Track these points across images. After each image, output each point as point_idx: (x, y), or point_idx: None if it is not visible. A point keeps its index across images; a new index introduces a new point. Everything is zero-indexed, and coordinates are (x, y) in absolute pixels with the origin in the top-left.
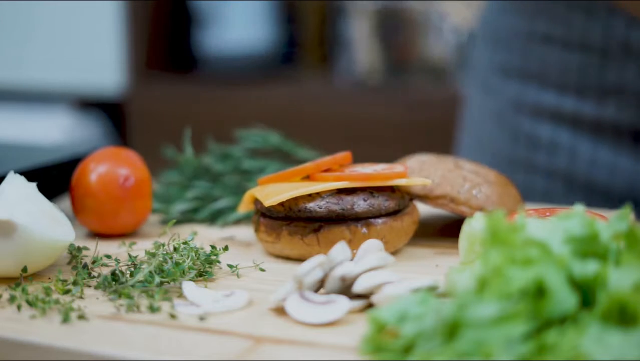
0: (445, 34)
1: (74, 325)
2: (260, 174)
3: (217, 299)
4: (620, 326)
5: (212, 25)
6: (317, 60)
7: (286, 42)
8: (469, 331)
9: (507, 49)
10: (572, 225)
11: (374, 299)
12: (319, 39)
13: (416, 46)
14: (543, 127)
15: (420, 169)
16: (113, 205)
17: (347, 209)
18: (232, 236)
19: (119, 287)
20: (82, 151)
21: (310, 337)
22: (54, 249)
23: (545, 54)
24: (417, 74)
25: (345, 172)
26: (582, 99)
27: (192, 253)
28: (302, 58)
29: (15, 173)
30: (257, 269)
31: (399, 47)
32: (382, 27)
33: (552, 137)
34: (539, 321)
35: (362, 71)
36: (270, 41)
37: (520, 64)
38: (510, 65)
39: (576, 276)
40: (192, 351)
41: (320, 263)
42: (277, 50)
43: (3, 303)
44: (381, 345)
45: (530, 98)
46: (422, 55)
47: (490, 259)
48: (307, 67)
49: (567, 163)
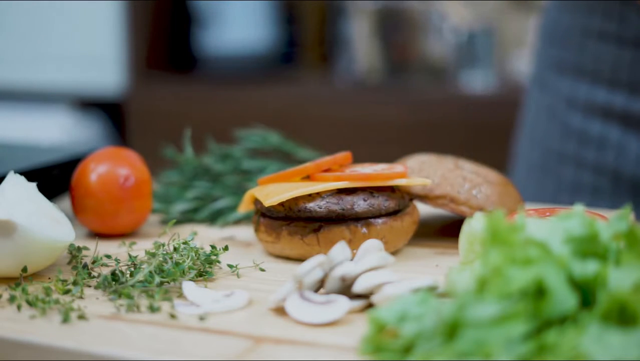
0: (445, 34)
1: (74, 325)
2: (260, 174)
3: (217, 299)
4: (620, 326)
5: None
6: (317, 60)
7: (286, 42)
8: (469, 331)
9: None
10: (572, 225)
11: (374, 299)
12: (319, 39)
13: (416, 46)
14: (593, 123)
15: (420, 169)
16: (113, 205)
17: (347, 209)
18: (232, 236)
19: (119, 287)
20: (82, 151)
21: (310, 337)
22: (54, 249)
23: (598, 51)
24: (417, 74)
25: (345, 172)
26: (632, 96)
27: (192, 253)
28: (302, 58)
29: (15, 173)
30: (257, 269)
31: (399, 47)
32: (382, 27)
33: (602, 134)
34: (539, 321)
35: (362, 71)
36: (270, 41)
37: (575, 60)
38: (565, 61)
39: (576, 276)
40: (192, 351)
41: (320, 263)
42: (277, 50)
43: (3, 303)
44: (381, 345)
45: (583, 94)
46: (422, 55)
47: (490, 259)
48: (307, 67)
49: (615, 160)
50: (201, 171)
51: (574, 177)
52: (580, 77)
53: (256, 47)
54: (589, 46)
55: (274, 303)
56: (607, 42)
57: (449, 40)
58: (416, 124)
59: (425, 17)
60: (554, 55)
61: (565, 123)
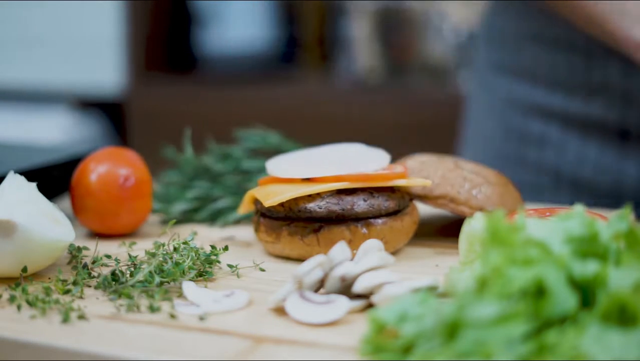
0: (445, 34)
1: (74, 325)
2: (260, 174)
3: (217, 299)
4: (620, 326)
5: (212, 25)
6: (317, 60)
7: (286, 42)
8: (469, 331)
9: (500, 48)
10: (572, 225)
11: (374, 299)
12: (319, 39)
13: (416, 46)
14: (533, 123)
15: (420, 169)
16: (113, 205)
17: (347, 209)
18: (232, 236)
19: (119, 287)
20: (82, 151)
21: (310, 337)
22: (54, 249)
23: (535, 53)
24: (417, 74)
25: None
26: (570, 97)
27: (192, 253)
28: (302, 58)
29: (15, 173)
30: (257, 269)
31: (399, 47)
32: (382, 27)
33: (542, 133)
34: (539, 321)
35: (362, 71)
36: (270, 41)
37: (512, 61)
38: (503, 62)
39: (576, 276)
40: (192, 351)
41: (320, 263)
42: (277, 50)
43: (3, 303)
44: (381, 345)
45: (521, 94)
46: (422, 55)
47: (490, 259)
48: (307, 67)
49: (555, 159)
50: (201, 171)
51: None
52: (519, 78)
53: (256, 47)
54: (525, 48)
55: (274, 303)
56: (542, 45)
57: (449, 40)
58: (416, 124)
59: (425, 17)
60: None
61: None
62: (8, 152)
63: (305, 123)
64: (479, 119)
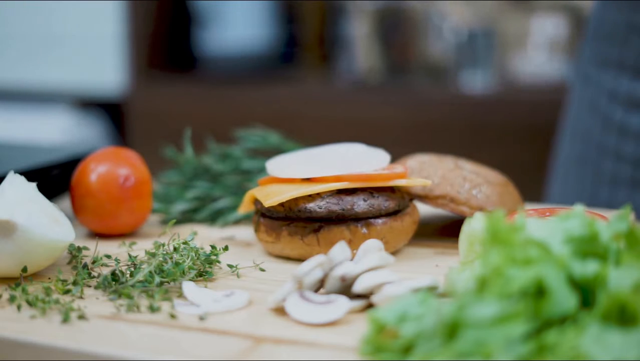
0: (445, 34)
1: (74, 325)
2: (260, 174)
3: (217, 299)
4: (620, 326)
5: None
6: (317, 60)
7: (286, 42)
8: (469, 331)
9: (606, 41)
10: (572, 225)
11: (374, 299)
12: (319, 39)
13: (416, 46)
14: (634, 117)
15: (420, 169)
16: (113, 205)
17: (347, 209)
18: (232, 236)
19: (119, 287)
20: (82, 151)
21: (310, 337)
22: (54, 249)
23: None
24: (417, 74)
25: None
26: None
27: (192, 253)
28: (302, 58)
29: (15, 173)
30: (257, 269)
31: (399, 47)
32: (382, 26)
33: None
34: (539, 321)
35: (362, 71)
36: (270, 41)
37: (618, 55)
38: (609, 56)
39: (576, 276)
40: (192, 351)
41: (320, 263)
42: (277, 50)
43: (3, 303)
44: (381, 345)
45: (624, 88)
46: (422, 55)
47: (490, 259)
48: (307, 67)
49: None
50: (201, 171)
51: (612, 170)
52: (622, 72)
53: (256, 47)
54: (632, 41)
55: (274, 303)
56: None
57: (449, 40)
58: (416, 124)
59: (425, 17)
60: (599, 50)
61: (606, 117)
62: (8, 152)
63: (305, 123)
64: (579, 113)
